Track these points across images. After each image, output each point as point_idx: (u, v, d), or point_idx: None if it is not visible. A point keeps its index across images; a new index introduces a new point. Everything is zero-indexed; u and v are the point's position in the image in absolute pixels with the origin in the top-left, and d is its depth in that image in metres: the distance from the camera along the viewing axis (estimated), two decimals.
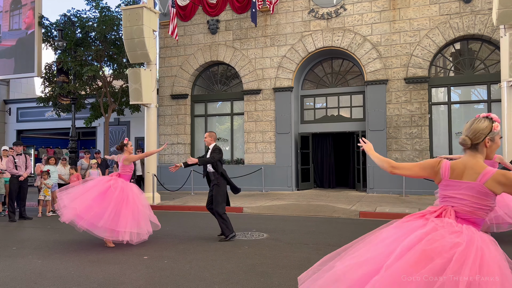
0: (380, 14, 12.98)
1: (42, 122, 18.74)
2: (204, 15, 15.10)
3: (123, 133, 17.04)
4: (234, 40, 14.69)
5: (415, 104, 12.57)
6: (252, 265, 5.08)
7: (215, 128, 15.50)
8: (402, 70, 12.69)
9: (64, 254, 5.82)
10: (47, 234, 7.56)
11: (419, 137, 12.49)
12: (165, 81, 15.58)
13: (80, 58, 12.87)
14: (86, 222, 5.86)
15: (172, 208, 10.95)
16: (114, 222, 5.86)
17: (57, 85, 13.47)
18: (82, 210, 5.90)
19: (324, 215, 9.16)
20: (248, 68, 14.47)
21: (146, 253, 5.83)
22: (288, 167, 13.80)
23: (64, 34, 13.04)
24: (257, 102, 14.37)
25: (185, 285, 4.34)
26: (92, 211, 5.89)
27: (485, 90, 12.30)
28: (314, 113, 14.55)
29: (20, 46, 15.13)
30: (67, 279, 4.59)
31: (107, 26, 12.76)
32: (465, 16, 12.13)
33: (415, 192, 12.25)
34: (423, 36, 12.50)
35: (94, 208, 5.91)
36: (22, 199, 9.71)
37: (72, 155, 13.13)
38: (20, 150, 9.78)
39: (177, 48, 15.46)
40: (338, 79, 14.18)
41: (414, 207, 9.68)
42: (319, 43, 13.58)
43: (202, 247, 6.20)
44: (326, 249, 5.83)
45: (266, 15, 14.28)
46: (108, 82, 13.73)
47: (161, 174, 14.91)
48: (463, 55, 12.64)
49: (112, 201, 6.00)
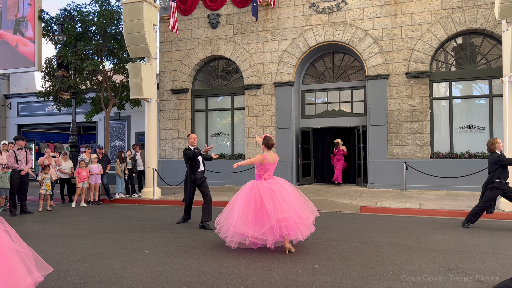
0: (381, 8, 12.91)
1: (43, 117, 18.73)
2: (205, 9, 15.03)
3: (124, 127, 17.03)
4: (234, 34, 14.63)
5: (416, 99, 12.53)
6: (253, 260, 5.08)
7: (216, 123, 15.49)
8: (404, 65, 12.64)
9: (65, 248, 5.84)
10: (48, 229, 7.58)
11: (420, 132, 12.46)
12: (166, 75, 15.55)
13: (80, 53, 12.82)
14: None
15: (172, 203, 10.97)
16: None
17: (58, 79, 13.42)
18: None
19: (324, 210, 9.16)
20: (248, 63, 14.42)
21: (147, 247, 5.84)
22: (289, 162, 13.79)
23: (64, 28, 12.98)
24: (258, 97, 14.34)
25: (186, 279, 4.35)
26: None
27: (487, 85, 12.25)
28: (315, 108, 14.52)
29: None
30: (68, 273, 4.60)
31: (107, 20, 12.69)
32: (467, 10, 12.06)
33: (415, 187, 12.26)
34: (424, 31, 12.44)
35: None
36: (23, 193, 9.74)
37: (72, 149, 13.12)
38: (23, 144, 9.78)
39: (178, 42, 15.41)
40: (339, 73, 14.13)
41: (415, 202, 9.68)
42: (320, 38, 13.52)
43: (203, 241, 6.22)
44: (326, 244, 5.84)
45: (267, 9, 14.21)
46: (108, 76, 13.68)
47: (162, 169, 14.93)
48: (464, 49, 12.58)
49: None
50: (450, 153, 12.25)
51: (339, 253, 5.35)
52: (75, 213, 9.60)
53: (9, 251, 2.91)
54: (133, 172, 12.46)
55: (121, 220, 8.39)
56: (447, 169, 11.97)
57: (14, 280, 2.86)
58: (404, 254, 5.31)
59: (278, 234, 5.32)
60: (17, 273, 2.89)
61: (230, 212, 5.59)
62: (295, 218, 5.35)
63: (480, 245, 5.81)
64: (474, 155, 11.99)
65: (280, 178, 5.80)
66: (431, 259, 5.05)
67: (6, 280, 2.81)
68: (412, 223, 7.68)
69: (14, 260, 2.92)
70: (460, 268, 4.63)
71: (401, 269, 4.60)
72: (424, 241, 6.05)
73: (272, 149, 5.95)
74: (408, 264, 4.81)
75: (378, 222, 7.80)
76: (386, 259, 5.04)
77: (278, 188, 5.51)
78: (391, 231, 6.83)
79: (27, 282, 2.93)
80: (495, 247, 5.65)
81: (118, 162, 11.92)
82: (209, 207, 7.35)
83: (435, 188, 12.07)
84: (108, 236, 6.73)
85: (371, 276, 4.38)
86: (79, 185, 10.95)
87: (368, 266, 4.74)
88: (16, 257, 2.94)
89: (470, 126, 12.28)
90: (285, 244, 5.43)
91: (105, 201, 11.66)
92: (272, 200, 5.37)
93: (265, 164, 5.71)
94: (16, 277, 2.88)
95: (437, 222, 7.69)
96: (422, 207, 9.06)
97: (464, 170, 11.57)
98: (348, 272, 4.54)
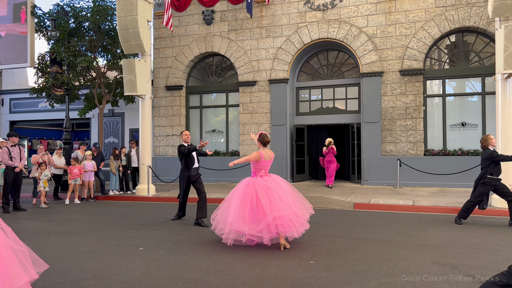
0: (376, 6, 12.94)
1: (36, 113, 18.57)
2: (199, 6, 14.97)
3: (118, 124, 16.95)
4: (229, 31, 14.60)
5: (410, 96, 12.60)
6: (248, 256, 5.10)
7: (210, 120, 15.47)
8: (398, 62, 12.70)
9: (59, 245, 5.82)
10: (42, 226, 7.54)
11: (413, 129, 12.54)
12: (160, 72, 15.48)
13: (73, 49, 12.72)
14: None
15: (167, 200, 10.95)
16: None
17: (51, 75, 13.31)
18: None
19: (319, 206, 9.20)
20: (243, 60, 14.40)
21: (142, 244, 5.84)
22: (283, 159, 13.82)
23: (57, 24, 12.86)
24: (253, 93, 14.33)
25: (180, 275, 4.36)
26: None
27: (480, 83, 12.35)
28: (309, 105, 14.54)
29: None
30: (62, 271, 4.58)
31: (101, 16, 12.59)
32: (461, 8, 12.13)
33: (408, 184, 12.35)
34: (418, 28, 12.49)
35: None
36: (17, 190, 9.68)
37: (66, 146, 13.04)
38: (16, 141, 9.71)
39: (172, 39, 15.34)
40: (334, 71, 14.16)
41: (408, 199, 9.76)
42: (314, 35, 13.53)
43: (198, 238, 6.22)
44: (321, 240, 5.88)
45: (262, 6, 14.18)
46: (102, 73, 13.59)
47: (156, 166, 14.89)
48: (458, 47, 12.66)
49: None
50: (443, 150, 12.35)
51: (334, 249, 5.38)
52: (68, 210, 9.55)
53: (5, 249, 2.88)
54: (128, 169, 12.42)
55: (116, 217, 8.37)
56: (440, 166, 12.07)
57: (11, 278, 2.81)
58: (398, 250, 5.36)
59: (274, 231, 5.34)
60: (13, 271, 2.85)
61: (226, 209, 5.60)
62: (291, 216, 5.37)
63: (473, 241, 5.87)
64: (467, 152, 12.09)
65: (276, 175, 5.82)
66: (425, 255, 5.10)
67: (3, 278, 2.77)
68: (406, 219, 7.75)
69: (11, 258, 2.88)
70: (453, 264, 4.68)
71: (395, 265, 4.64)
72: (418, 237, 6.11)
73: (268, 146, 5.97)
74: (402, 260, 4.85)
75: (372, 218, 7.85)
76: (380, 255, 5.08)
77: (274, 186, 5.53)
78: (385, 228, 6.88)
79: (24, 280, 2.89)
80: (488, 243, 5.72)
81: (112, 159, 11.87)
82: (204, 204, 7.36)
83: (428, 185, 12.17)
84: (102, 233, 6.71)
85: (366, 272, 4.42)
86: (71, 182, 10.90)
87: (362, 262, 4.78)
88: (12, 255, 2.90)
89: (463, 124, 12.37)
90: (280, 241, 5.45)
91: (99, 198, 11.62)
92: (268, 197, 5.38)
93: (261, 161, 5.72)
94: (13, 275, 2.83)
95: (430, 219, 7.76)
96: (416, 203, 9.13)
97: (457, 167, 11.67)
98: (343, 268, 4.57)
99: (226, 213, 5.56)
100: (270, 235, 5.35)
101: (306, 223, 5.62)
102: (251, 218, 5.36)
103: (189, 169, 7.52)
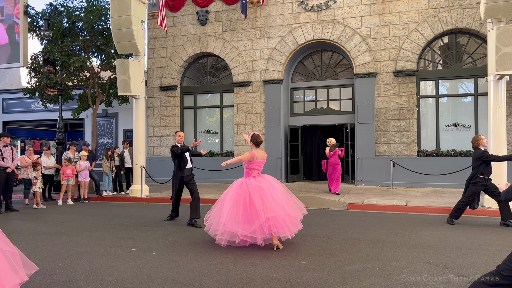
0: (369, 7, 13.00)
1: (29, 113, 18.45)
2: (194, 6, 14.95)
3: (112, 124, 16.88)
4: (223, 31, 14.59)
5: (404, 97, 12.66)
6: (240, 257, 5.10)
7: (205, 120, 15.45)
8: (391, 63, 12.76)
9: (51, 246, 5.78)
10: (34, 227, 7.49)
11: (407, 130, 12.61)
12: (154, 72, 15.44)
13: (67, 49, 12.66)
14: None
15: (160, 200, 10.92)
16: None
17: (44, 75, 13.23)
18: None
19: (312, 207, 9.22)
20: (237, 60, 14.40)
21: (134, 245, 5.82)
22: (278, 159, 13.84)
23: (51, 23, 12.79)
24: (247, 94, 14.34)
25: (173, 276, 4.35)
26: None
27: (472, 84, 12.44)
28: (303, 105, 14.57)
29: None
30: (54, 272, 4.56)
31: (95, 16, 12.54)
32: (454, 9, 12.21)
33: (402, 184, 12.41)
34: (412, 29, 12.56)
35: None
36: (9, 191, 9.60)
37: (59, 146, 12.96)
38: (8, 141, 9.63)
39: (166, 39, 15.31)
40: (328, 71, 14.20)
41: (401, 199, 9.80)
42: (309, 36, 13.56)
43: (191, 238, 6.21)
44: (314, 241, 5.89)
45: (256, 7, 14.19)
46: (96, 73, 13.54)
47: (150, 167, 14.85)
48: (451, 48, 12.74)
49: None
50: (436, 151, 12.42)
51: (326, 250, 5.39)
52: (61, 211, 9.50)
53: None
54: (121, 169, 12.37)
55: (108, 218, 8.34)
56: (433, 166, 12.14)
57: (0, 280, 2.76)
58: (390, 250, 5.38)
59: (268, 232, 5.35)
60: (3, 273, 2.79)
61: (220, 210, 5.59)
62: (284, 216, 5.38)
63: (464, 241, 5.91)
64: (459, 152, 12.17)
65: (269, 176, 5.82)
66: (416, 255, 5.13)
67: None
68: (399, 219, 7.78)
69: (0, 260, 2.82)
70: (444, 264, 4.71)
71: (386, 265, 4.67)
72: (410, 237, 6.14)
73: (261, 146, 5.96)
74: (393, 260, 4.88)
75: (365, 219, 7.88)
76: (372, 255, 5.10)
77: (267, 186, 5.53)
78: (378, 228, 6.91)
79: (13, 282, 2.83)
80: (479, 243, 5.76)
81: (105, 159, 11.82)
82: (197, 204, 7.35)
83: (422, 185, 12.23)
84: (95, 234, 6.68)
85: (358, 272, 4.43)
86: (63, 182, 10.84)
87: (354, 262, 4.79)
88: (1, 256, 2.84)
89: (456, 124, 12.46)
90: (273, 241, 5.46)
91: (92, 198, 11.56)
92: (261, 198, 5.38)
93: (253, 161, 5.72)
94: (3, 277, 2.78)
95: (423, 219, 7.80)
96: (409, 204, 9.18)
97: (450, 167, 11.74)
98: (335, 268, 4.58)
99: (220, 214, 5.55)
100: (264, 235, 5.35)
101: (299, 223, 5.63)
102: (244, 219, 5.36)
103: (182, 170, 7.51)
